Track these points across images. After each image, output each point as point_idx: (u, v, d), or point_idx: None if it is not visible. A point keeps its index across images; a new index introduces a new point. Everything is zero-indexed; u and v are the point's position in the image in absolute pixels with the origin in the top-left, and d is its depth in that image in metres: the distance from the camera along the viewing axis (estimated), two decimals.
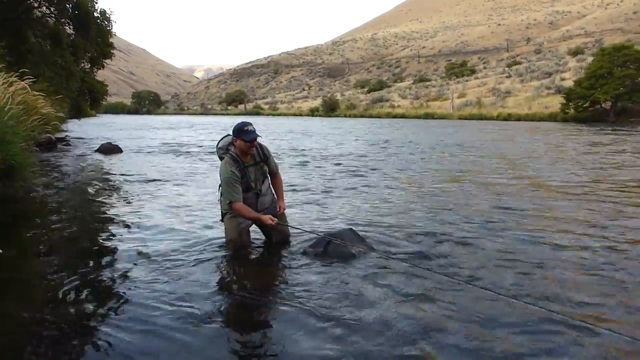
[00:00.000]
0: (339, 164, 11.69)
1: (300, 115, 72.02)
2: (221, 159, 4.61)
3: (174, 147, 16.73)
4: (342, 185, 8.44)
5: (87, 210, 6.69)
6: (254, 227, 4.79)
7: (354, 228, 4.84)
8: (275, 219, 4.49)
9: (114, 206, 6.77)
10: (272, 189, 4.91)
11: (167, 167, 11.04)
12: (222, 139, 4.73)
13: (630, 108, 35.17)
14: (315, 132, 27.06)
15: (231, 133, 4.53)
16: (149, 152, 14.72)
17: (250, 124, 4.50)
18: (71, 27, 23.97)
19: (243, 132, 4.41)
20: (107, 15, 26.42)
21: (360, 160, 12.39)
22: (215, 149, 4.90)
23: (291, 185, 8.25)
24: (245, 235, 4.68)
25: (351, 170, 10.48)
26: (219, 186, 4.60)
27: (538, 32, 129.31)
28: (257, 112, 79.63)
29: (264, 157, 4.72)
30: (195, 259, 4.27)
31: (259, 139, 4.57)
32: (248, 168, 4.57)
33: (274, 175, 4.89)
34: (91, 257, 4.41)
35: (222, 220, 4.80)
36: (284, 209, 4.83)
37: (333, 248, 4.38)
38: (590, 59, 46.15)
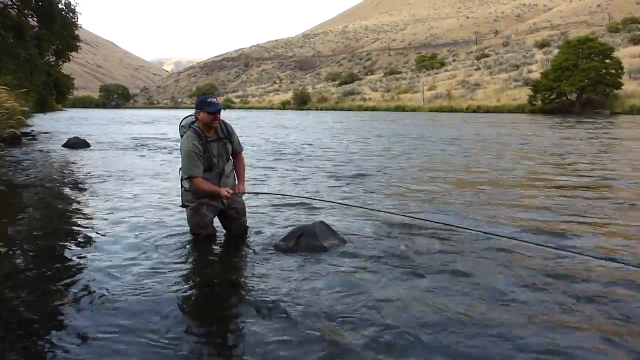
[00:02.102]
0: (322, 156, 11.67)
1: (272, 108, 71.71)
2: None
3: (143, 141, 16.46)
4: (320, 180, 8.43)
5: (51, 206, 6.53)
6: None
7: (325, 221, 4.82)
8: (232, 191, 4.41)
9: (79, 202, 6.63)
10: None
11: (135, 162, 10.87)
12: (185, 118, 4.61)
13: (594, 99, 35.98)
14: (297, 125, 26.95)
15: (194, 107, 4.43)
16: (117, 147, 14.46)
17: (214, 97, 4.43)
18: (35, 18, 23.35)
19: (206, 104, 4.31)
20: (72, 6, 25.83)
21: (347, 155, 12.39)
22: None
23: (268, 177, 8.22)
24: (210, 227, 4.60)
25: (334, 164, 10.47)
26: (180, 169, 4.53)
27: (506, 24, 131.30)
28: (228, 105, 78.94)
29: (227, 133, 4.60)
30: (162, 254, 4.20)
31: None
32: (210, 143, 4.44)
33: (237, 155, 4.75)
34: (54, 253, 4.31)
35: (182, 206, 4.69)
36: (243, 192, 4.65)
37: (305, 241, 4.36)
38: (556, 51, 47.08)
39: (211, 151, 4.44)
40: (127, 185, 7.84)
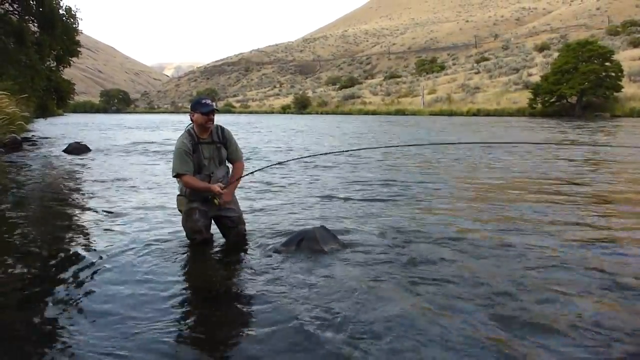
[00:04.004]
0: (327, 165, 11.67)
1: (272, 112, 71.70)
2: None
3: (143, 146, 16.47)
4: (326, 185, 8.43)
5: (50, 211, 6.54)
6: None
7: (326, 225, 4.82)
8: (224, 186, 4.41)
9: (78, 207, 6.63)
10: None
11: (134, 168, 10.88)
12: (190, 125, 4.64)
13: (594, 102, 36.00)
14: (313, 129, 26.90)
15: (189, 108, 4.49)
16: (117, 152, 14.48)
17: (209, 98, 4.48)
18: (35, 24, 23.42)
19: (200, 105, 4.37)
20: (73, 12, 25.91)
21: (346, 160, 12.39)
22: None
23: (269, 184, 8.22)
24: (205, 231, 4.58)
25: (337, 170, 10.48)
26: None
27: (505, 28, 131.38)
28: (228, 110, 78.96)
29: (223, 138, 4.62)
30: (161, 258, 4.20)
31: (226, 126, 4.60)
32: (202, 145, 4.46)
33: (235, 162, 4.73)
34: (53, 258, 4.32)
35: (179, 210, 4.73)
36: (226, 201, 4.50)
37: (306, 246, 4.36)
38: (556, 54, 47.07)
39: (202, 152, 4.46)
40: (127, 190, 7.84)
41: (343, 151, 9.92)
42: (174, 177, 4.48)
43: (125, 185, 8.34)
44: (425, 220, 5.54)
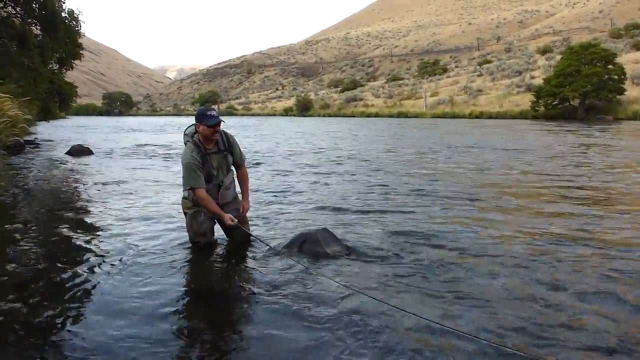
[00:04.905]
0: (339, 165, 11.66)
1: (274, 115, 71.73)
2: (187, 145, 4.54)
3: (146, 149, 16.48)
4: (326, 185, 8.43)
5: (53, 214, 6.53)
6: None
7: (328, 228, 4.81)
8: (236, 221, 4.40)
9: (81, 209, 6.64)
10: (236, 184, 4.81)
11: (137, 170, 10.88)
12: (189, 127, 4.64)
13: (597, 105, 35.90)
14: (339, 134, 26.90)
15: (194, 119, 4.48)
16: (120, 154, 14.49)
17: (214, 109, 4.48)
18: (38, 27, 23.45)
19: (206, 117, 4.34)
20: (76, 15, 25.92)
21: (348, 158, 12.39)
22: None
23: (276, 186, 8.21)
24: (209, 234, 4.58)
25: (340, 171, 10.47)
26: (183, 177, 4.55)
27: (508, 30, 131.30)
28: (230, 112, 78.96)
29: (228, 145, 4.62)
30: (164, 261, 4.20)
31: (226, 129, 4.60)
32: (210, 155, 4.46)
33: (239, 167, 4.76)
34: (56, 261, 4.31)
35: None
36: (247, 210, 4.69)
37: (308, 248, 4.36)
38: (558, 57, 46.97)
39: (210, 163, 4.46)
40: (129, 193, 7.84)
41: None
42: (187, 190, 4.47)
43: (128, 188, 8.34)
44: (429, 226, 5.52)
